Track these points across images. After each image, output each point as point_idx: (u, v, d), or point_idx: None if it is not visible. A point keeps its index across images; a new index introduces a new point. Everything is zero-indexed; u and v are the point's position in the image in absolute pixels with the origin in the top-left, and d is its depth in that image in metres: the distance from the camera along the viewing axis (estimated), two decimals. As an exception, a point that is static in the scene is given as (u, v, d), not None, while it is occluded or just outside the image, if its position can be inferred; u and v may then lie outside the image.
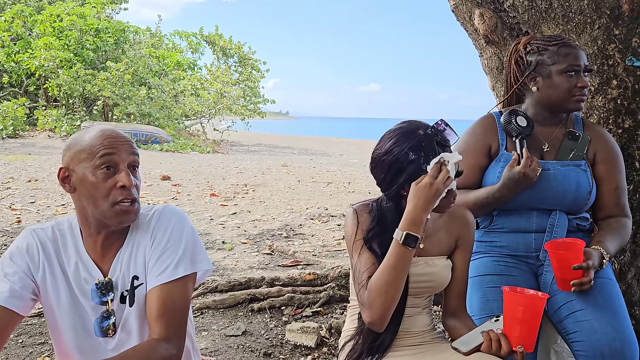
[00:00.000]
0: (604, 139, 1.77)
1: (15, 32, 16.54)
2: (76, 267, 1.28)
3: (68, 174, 1.25)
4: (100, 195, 1.21)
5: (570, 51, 1.69)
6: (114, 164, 1.23)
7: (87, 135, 1.25)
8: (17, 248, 1.27)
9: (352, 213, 1.42)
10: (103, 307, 1.28)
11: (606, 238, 1.62)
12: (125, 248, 1.30)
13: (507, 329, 1.23)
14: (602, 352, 1.41)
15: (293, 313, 3.01)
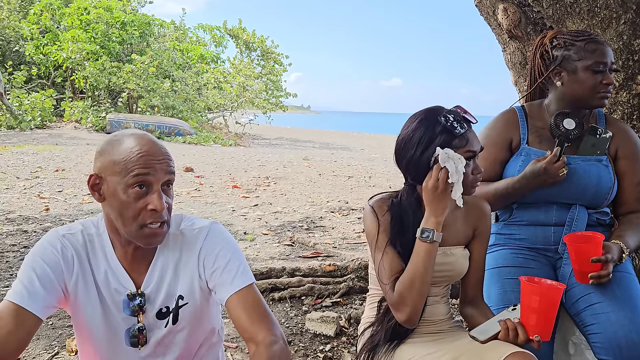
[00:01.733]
0: (627, 135, 1.76)
1: (44, 25, 16.91)
2: (106, 276, 1.24)
3: (99, 182, 1.18)
4: (130, 215, 1.15)
5: (598, 47, 1.67)
6: (148, 184, 1.15)
7: (123, 145, 1.16)
8: (51, 248, 1.20)
9: (370, 211, 1.43)
10: (134, 319, 1.25)
11: (626, 233, 1.63)
12: (158, 260, 1.27)
13: (524, 318, 1.25)
14: (618, 344, 1.43)
15: (313, 303, 3.05)
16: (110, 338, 1.26)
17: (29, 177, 7.16)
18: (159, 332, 1.27)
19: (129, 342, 1.25)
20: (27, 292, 1.12)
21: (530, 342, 1.23)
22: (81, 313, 1.24)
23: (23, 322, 1.09)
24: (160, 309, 1.26)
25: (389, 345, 1.42)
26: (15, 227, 4.62)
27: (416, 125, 1.39)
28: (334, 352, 2.52)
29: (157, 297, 1.25)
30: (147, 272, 1.25)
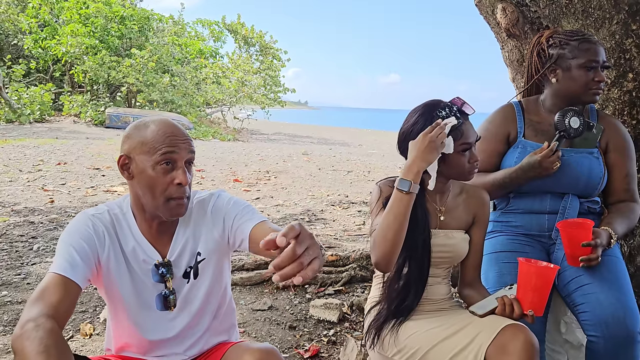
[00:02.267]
0: (617, 129, 1.88)
1: (43, 19, 16.91)
2: (134, 249, 1.37)
3: (128, 162, 1.32)
4: (158, 189, 1.29)
5: (591, 47, 1.78)
6: (173, 160, 1.29)
7: (150, 128, 1.31)
8: (84, 226, 1.32)
9: (377, 188, 1.58)
10: (162, 285, 1.38)
11: (615, 220, 1.74)
12: (180, 230, 1.40)
13: (520, 295, 1.37)
14: (605, 321, 1.54)
15: (316, 291, 3.16)
16: (142, 305, 1.38)
17: (32, 170, 7.23)
18: (184, 289, 1.40)
19: (160, 306, 1.39)
20: (69, 265, 1.24)
21: (525, 317, 1.35)
22: (113, 284, 1.36)
23: (69, 290, 1.20)
24: (185, 270, 1.40)
25: (394, 322, 1.53)
26: (22, 219, 4.71)
27: (416, 119, 1.53)
28: (337, 336, 2.63)
29: (181, 262, 1.40)
30: (171, 243, 1.39)
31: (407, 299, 1.51)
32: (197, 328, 1.45)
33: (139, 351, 1.43)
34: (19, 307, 2.82)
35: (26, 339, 1.06)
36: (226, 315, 1.52)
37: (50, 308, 1.14)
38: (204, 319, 1.46)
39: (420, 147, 1.44)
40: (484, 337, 1.34)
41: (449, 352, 1.39)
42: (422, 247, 1.50)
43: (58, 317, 1.14)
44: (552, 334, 1.82)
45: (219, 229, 1.41)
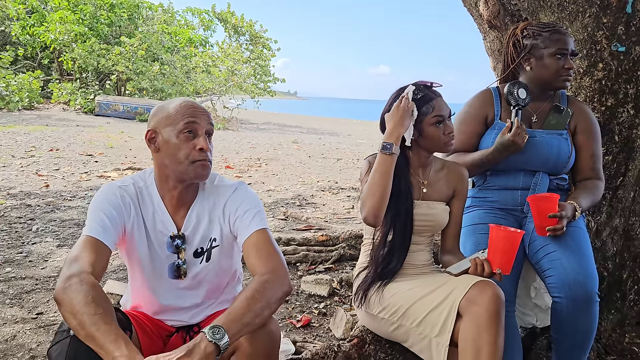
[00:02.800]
0: (584, 113, 2.06)
1: (31, 5, 16.78)
2: (153, 219, 1.48)
3: (154, 135, 1.45)
4: (183, 154, 1.41)
5: (560, 37, 1.96)
6: (194, 129, 1.43)
7: (172, 104, 1.46)
8: (113, 195, 1.45)
9: (366, 162, 1.76)
10: (175, 256, 1.50)
11: (580, 195, 1.92)
12: (196, 204, 1.51)
13: (490, 256, 1.54)
14: (568, 282, 1.73)
15: (307, 269, 3.33)
16: (156, 271, 1.52)
17: (25, 156, 7.29)
18: (195, 268, 1.53)
19: (172, 275, 1.52)
20: (101, 228, 1.37)
21: (494, 275, 1.53)
22: (135, 249, 1.50)
23: (101, 251, 1.34)
24: (196, 249, 1.52)
25: (379, 284, 1.70)
26: (19, 202, 4.81)
27: (391, 100, 1.75)
28: (327, 309, 2.80)
29: (194, 239, 1.52)
30: (186, 216, 1.51)
31: (392, 263, 1.68)
32: (205, 301, 1.60)
33: (148, 311, 1.58)
34: (23, 282, 2.95)
35: (73, 292, 1.19)
36: (234, 287, 1.67)
37: (88, 266, 1.28)
38: (212, 295, 1.61)
39: (394, 116, 1.66)
40: (457, 293, 1.51)
41: (427, 307, 1.56)
42: (405, 215, 1.67)
43: (95, 274, 1.28)
44: (522, 298, 2.01)
45: (227, 222, 1.53)
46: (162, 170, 1.49)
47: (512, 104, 1.97)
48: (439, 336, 1.53)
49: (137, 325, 1.48)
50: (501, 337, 1.45)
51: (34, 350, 2.22)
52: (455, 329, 1.50)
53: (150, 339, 1.51)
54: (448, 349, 1.51)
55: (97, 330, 1.14)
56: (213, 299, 1.62)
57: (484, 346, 1.42)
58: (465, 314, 1.48)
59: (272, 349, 1.36)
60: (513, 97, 1.97)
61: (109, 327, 1.15)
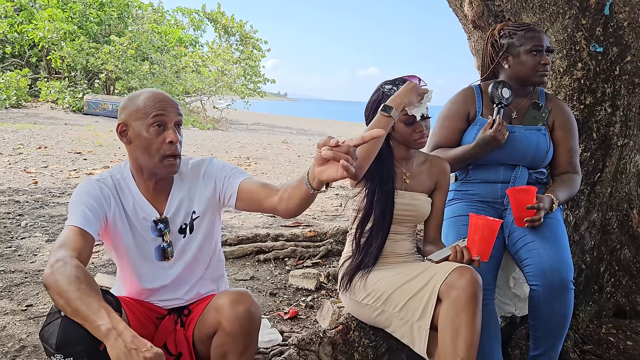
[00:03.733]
0: (562, 109, 2.14)
1: (19, 3, 16.66)
2: (134, 208, 1.54)
3: (125, 129, 1.50)
4: (154, 148, 1.47)
5: (535, 34, 2.04)
6: (163, 122, 1.47)
7: (141, 97, 1.50)
8: (92, 188, 1.49)
9: None
10: (160, 239, 1.56)
11: (557, 188, 2.00)
12: (175, 190, 1.59)
13: (469, 243, 1.60)
14: (544, 270, 1.80)
15: (295, 264, 3.37)
16: (142, 256, 1.57)
17: (12, 154, 7.26)
18: (179, 242, 1.60)
19: (159, 257, 1.59)
20: (83, 219, 1.41)
21: (473, 262, 1.59)
22: (118, 239, 1.55)
23: (86, 239, 1.39)
24: (181, 226, 1.59)
25: (363, 271, 1.76)
26: (7, 198, 4.81)
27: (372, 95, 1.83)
28: (314, 302, 2.85)
29: (176, 219, 1.59)
30: (167, 201, 1.58)
31: (371, 247, 1.75)
32: (192, 275, 1.65)
33: (139, 296, 1.63)
34: (12, 275, 2.97)
35: (58, 274, 1.24)
36: (217, 264, 1.73)
37: (73, 251, 1.33)
38: (197, 268, 1.66)
39: (406, 88, 1.70)
40: (437, 278, 1.57)
41: (409, 293, 1.62)
42: (386, 197, 1.73)
43: (80, 259, 1.32)
44: (502, 288, 2.08)
45: (210, 189, 1.61)
46: (135, 162, 1.54)
47: (496, 102, 2.04)
48: (419, 320, 1.59)
49: (127, 309, 1.52)
50: (478, 319, 1.51)
51: (23, 341, 2.24)
52: (436, 313, 1.56)
53: (141, 323, 1.55)
54: (429, 332, 1.57)
55: (82, 303, 1.18)
56: (199, 273, 1.66)
57: (462, 327, 1.49)
58: (445, 298, 1.54)
59: (252, 327, 1.42)
60: (497, 96, 2.03)
61: (92, 299, 1.19)
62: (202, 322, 1.53)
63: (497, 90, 2.04)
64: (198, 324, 1.54)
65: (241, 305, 1.42)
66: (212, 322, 1.46)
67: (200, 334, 1.53)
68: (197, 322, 1.55)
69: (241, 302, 1.43)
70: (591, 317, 2.51)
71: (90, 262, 3.17)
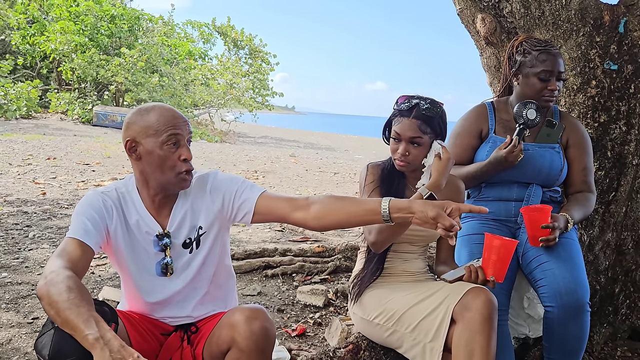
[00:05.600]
0: (576, 127, 2.11)
1: (32, 15, 16.88)
2: (137, 222, 1.54)
3: (134, 145, 1.48)
4: (168, 166, 1.47)
5: (548, 58, 1.98)
6: (177, 140, 1.47)
7: (151, 113, 1.48)
8: (96, 200, 1.49)
9: (365, 170, 1.82)
10: (162, 254, 1.55)
11: (572, 207, 1.97)
12: (178, 204, 1.57)
13: (484, 263, 1.57)
14: (559, 291, 1.76)
15: (303, 279, 3.34)
16: (143, 270, 1.56)
17: (22, 164, 7.31)
18: (183, 257, 1.58)
19: (159, 272, 1.57)
20: (83, 231, 1.41)
21: (488, 283, 1.55)
22: (120, 252, 1.54)
23: (84, 251, 1.39)
24: (185, 241, 1.57)
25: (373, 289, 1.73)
26: (16, 209, 4.82)
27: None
28: (322, 319, 2.81)
29: (180, 233, 1.57)
30: (170, 215, 1.57)
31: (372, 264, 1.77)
32: (196, 292, 1.62)
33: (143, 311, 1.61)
34: (19, 287, 2.96)
35: (50, 285, 1.24)
36: (226, 281, 1.70)
37: (68, 262, 1.33)
38: (201, 283, 1.63)
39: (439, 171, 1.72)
40: (451, 299, 1.54)
41: (422, 313, 1.59)
42: None
43: (75, 270, 1.31)
44: (515, 309, 2.04)
45: (218, 204, 1.58)
46: (143, 177, 1.53)
47: (519, 122, 1.98)
48: (433, 341, 1.55)
49: (128, 323, 1.50)
50: (493, 342, 1.48)
51: (29, 355, 2.22)
52: (449, 334, 1.53)
53: (143, 338, 1.53)
54: (442, 354, 1.54)
55: (71, 313, 1.18)
56: (204, 288, 1.64)
57: (477, 350, 1.45)
58: (459, 319, 1.51)
59: (267, 345, 1.40)
60: (519, 116, 1.98)
61: (82, 308, 1.19)
62: (214, 339, 1.50)
63: (522, 110, 1.98)
64: (209, 342, 1.51)
65: (256, 322, 1.40)
66: (226, 339, 1.43)
67: (211, 351, 1.50)
68: (207, 340, 1.52)
69: (256, 319, 1.41)
70: (606, 339, 2.46)
71: (97, 275, 3.18)
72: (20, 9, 16.82)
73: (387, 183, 1.74)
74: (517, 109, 2.00)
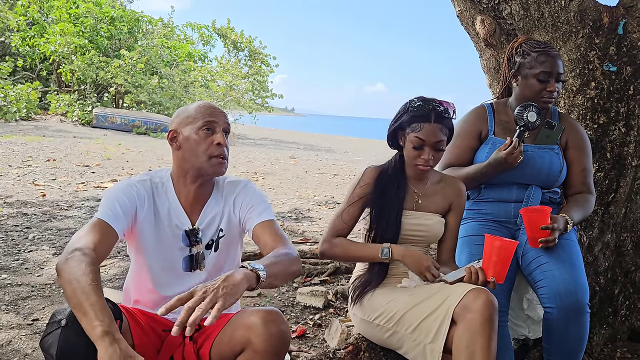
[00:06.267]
0: (575, 129, 2.12)
1: (31, 17, 16.88)
2: (169, 214, 1.58)
3: (176, 135, 1.58)
4: (202, 148, 1.54)
5: (547, 59, 1.99)
6: (213, 127, 1.56)
7: (192, 106, 1.61)
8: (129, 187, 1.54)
9: (363, 172, 1.82)
10: (188, 248, 1.58)
11: (572, 209, 1.97)
12: (211, 202, 1.62)
13: (485, 265, 1.57)
14: (559, 292, 1.76)
15: (302, 281, 3.34)
16: (167, 263, 1.58)
17: (21, 166, 7.30)
18: (207, 257, 1.62)
19: (186, 267, 1.59)
20: (112, 214, 1.46)
21: (488, 284, 1.56)
22: (145, 241, 1.56)
23: (109, 235, 1.42)
24: (209, 242, 1.61)
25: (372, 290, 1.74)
26: (16, 210, 4.82)
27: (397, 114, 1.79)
28: (322, 320, 2.81)
29: (207, 233, 1.61)
30: (201, 212, 1.61)
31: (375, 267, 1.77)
32: None
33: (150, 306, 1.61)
34: (19, 289, 2.96)
35: (74, 261, 1.27)
36: None
37: (93, 244, 1.36)
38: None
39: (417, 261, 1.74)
40: (452, 300, 1.54)
41: (422, 314, 1.59)
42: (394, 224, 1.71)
43: (98, 254, 1.34)
44: (515, 310, 2.04)
45: (237, 213, 1.64)
46: (181, 166, 1.59)
47: (520, 124, 1.99)
48: (433, 342, 1.55)
49: (130, 319, 1.50)
50: (494, 343, 1.48)
51: (29, 356, 2.22)
52: (450, 335, 1.53)
53: (145, 335, 1.53)
54: (442, 355, 1.54)
55: (87, 299, 1.20)
56: None
57: (477, 351, 1.45)
58: (460, 320, 1.51)
59: (282, 348, 1.41)
60: (520, 118, 1.98)
61: (98, 299, 1.21)
62: (225, 339, 1.49)
63: (522, 113, 1.98)
64: (218, 342, 1.51)
65: (274, 325, 1.40)
66: (241, 340, 1.43)
67: (221, 351, 1.50)
68: (216, 339, 1.52)
69: (274, 322, 1.41)
70: (605, 340, 2.46)
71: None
72: (20, 10, 16.82)
73: (386, 187, 1.74)
74: (517, 111, 2.00)
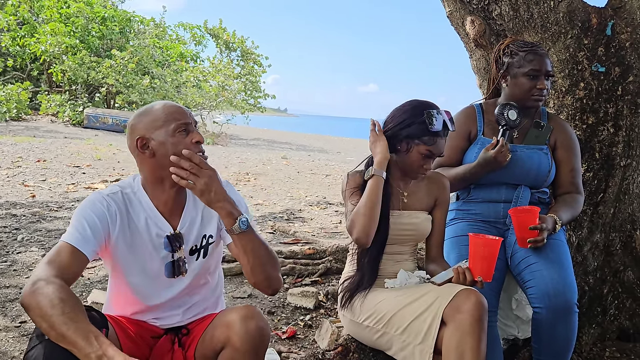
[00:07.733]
0: (564, 129, 2.13)
1: (22, 17, 16.75)
2: (146, 224, 1.49)
3: (145, 142, 1.46)
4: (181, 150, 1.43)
5: (535, 57, 2.02)
6: (186, 126, 1.47)
7: (155, 108, 1.50)
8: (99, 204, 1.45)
9: (346, 177, 1.83)
10: (170, 255, 1.52)
11: (560, 209, 1.98)
12: (189, 206, 1.56)
13: (471, 264, 1.58)
14: (548, 293, 1.77)
15: (294, 282, 3.34)
16: (145, 274, 1.52)
17: (11, 167, 7.24)
18: (191, 264, 1.57)
19: (169, 274, 1.54)
20: (81, 236, 1.37)
21: (476, 283, 1.56)
22: (123, 256, 1.49)
23: (77, 259, 1.35)
24: (192, 247, 1.56)
25: (362, 292, 1.73)
26: (4, 212, 4.77)
27: (407, 108, 1.77)
28: (313, 321, 2.80)
29: (190, 237, 1.56)
30: (181, 215, 1.55)
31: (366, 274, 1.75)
32: (195, 297, 1.62)
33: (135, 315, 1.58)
34: (7, 291, 2.93)
35: (39, 295, 1.20)
36: (218, 284, 1.71)
37: (59, 271, 1.29)
38: (202, 290, 1.63)
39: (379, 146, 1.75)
40: (441, 301, 1.54)
41: (412, 315, 1.59)
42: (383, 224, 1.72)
43: (65, 279, 1.28)
44: (504, 310, 2.05)
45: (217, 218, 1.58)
46: (156, 173, 1.49)
47: (502, 123, 2.01)
48: (422, 343, 1.55)
49: (118, 328, 1.48)
50: (484, 343, 1.48)
51: (16, 359, 2.20)
52: (439, 336, 1.53)
53: (133, 342, 1.51)
54: (432, 356, 1.54)
55: (68, 329, 1.15)
56: (202, 295, 1.64)
57: (467, 351, 1.45)
58: (450, 321, 1.51)
59: (262, 345, 1.40)
60: (502, 118, 2.00)
61: (79, 324, 1.17)
62: (207, 339, 1.49)
63: (502, 112, 2.00)
64: (201, 342, 1.50)
65: (252, 321, 1.39)
66: (221, 338, 1.42)
67: (204, 351, 1.49)
68: (199, 341, 1.51)
69: (252, 318, 1.40)
70: (594, 340, 2.47)
71: (86, 278, 3.16)
72: (10, 10, 16.68)
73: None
74: (497, 111, 2.03)
